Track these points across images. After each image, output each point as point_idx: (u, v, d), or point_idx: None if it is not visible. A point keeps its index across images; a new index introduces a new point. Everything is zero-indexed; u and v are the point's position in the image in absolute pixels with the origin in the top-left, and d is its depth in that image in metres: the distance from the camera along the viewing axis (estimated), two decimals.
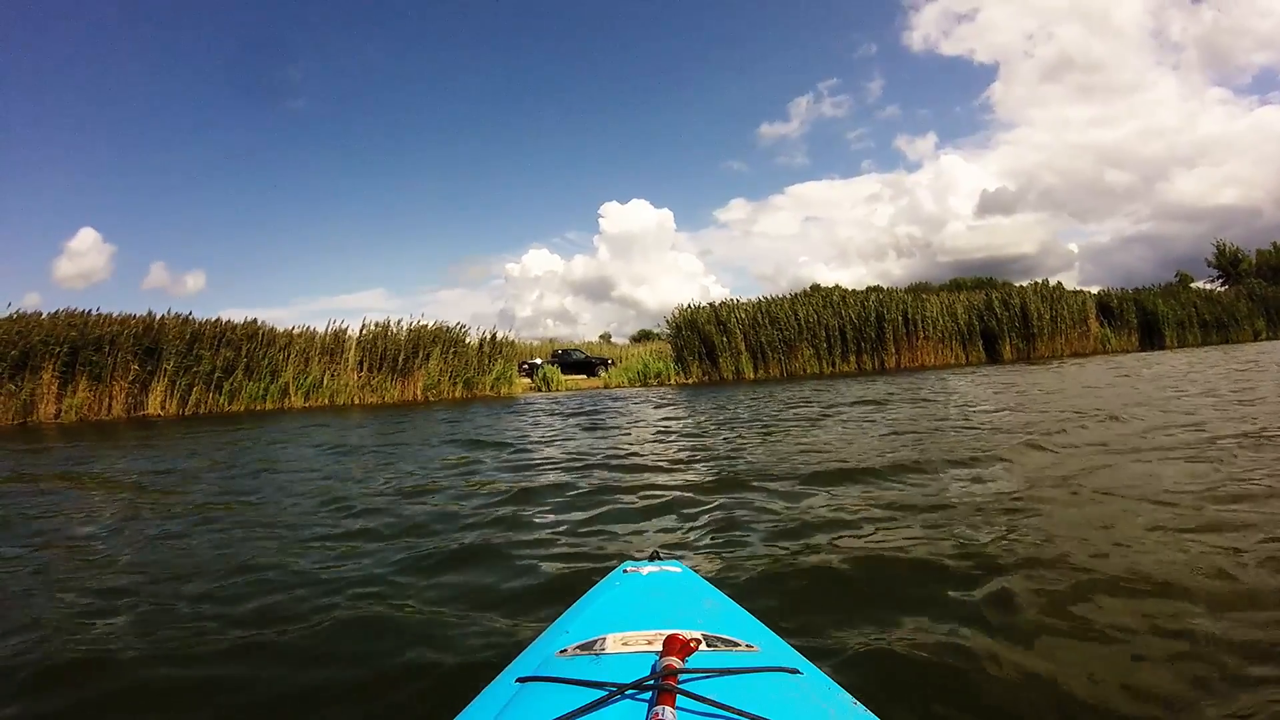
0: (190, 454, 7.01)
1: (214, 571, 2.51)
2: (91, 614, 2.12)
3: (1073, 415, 5.82)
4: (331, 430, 9.24)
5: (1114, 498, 2.95)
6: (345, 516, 3.43)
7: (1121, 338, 24.84)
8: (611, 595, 1.01)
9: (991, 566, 2.13)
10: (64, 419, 16.05)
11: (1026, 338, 21.94)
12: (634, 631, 0.81)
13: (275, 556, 2.68)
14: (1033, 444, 4.43)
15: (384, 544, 2.84)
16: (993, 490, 3.24)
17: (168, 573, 2.52)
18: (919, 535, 2.55)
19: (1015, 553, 2.26)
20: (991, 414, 6.53)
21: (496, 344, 18.03)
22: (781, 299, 20.13)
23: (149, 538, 3.15)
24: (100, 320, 17.11)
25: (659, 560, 1.19)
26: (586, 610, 0.96)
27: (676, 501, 3.41)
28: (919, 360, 20.31)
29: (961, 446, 4.54)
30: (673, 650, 0.69)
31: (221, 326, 17.71)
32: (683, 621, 0.85)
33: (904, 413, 7.14)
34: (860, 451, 4.65)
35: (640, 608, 0.95)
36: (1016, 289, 22.89)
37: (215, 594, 2.26)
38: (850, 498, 3.27)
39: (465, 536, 2.90)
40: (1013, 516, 2.73)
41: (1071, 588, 1.92)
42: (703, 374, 18.81)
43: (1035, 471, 3.64)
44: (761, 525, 2.83)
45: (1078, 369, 13.93)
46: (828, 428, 6.23)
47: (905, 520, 2.77)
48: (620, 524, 3.04)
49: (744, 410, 8.83)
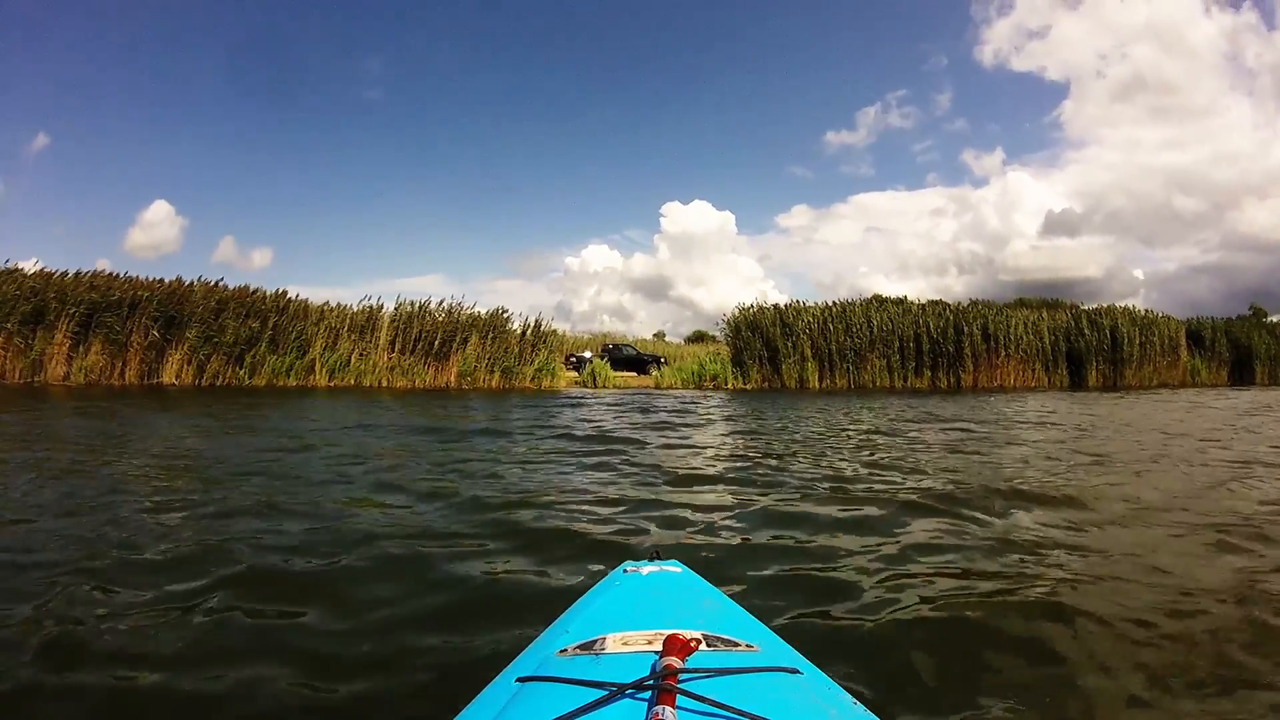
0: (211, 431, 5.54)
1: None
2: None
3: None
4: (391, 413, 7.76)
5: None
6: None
7: (1211, 370, 22.82)
8: (611, 595, 0.97)
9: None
10: (73, 380, 14.95)
11: (1114, 363, 19.94)
12: (634, 631, 0.78)
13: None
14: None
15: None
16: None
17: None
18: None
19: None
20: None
21: (540, 333, 16.56)
22: (853, 303, 18.34)
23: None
24: (124, 283, 15.96)
25: (659, 560, 1.13)
26: (586, 610, 0.93)
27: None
28: (998, 380, 18.37)
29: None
30: (673, 650, 0.68)
31: (250, 296, 16.52)
32: (683, 621, 0.82)
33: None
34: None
35: (640, 607, 0.91)
36: (1106, 310, 20.87)
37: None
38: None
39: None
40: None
41: None
42: (762, 380, 17.12)
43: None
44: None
45: (1224, 407, 11.97)
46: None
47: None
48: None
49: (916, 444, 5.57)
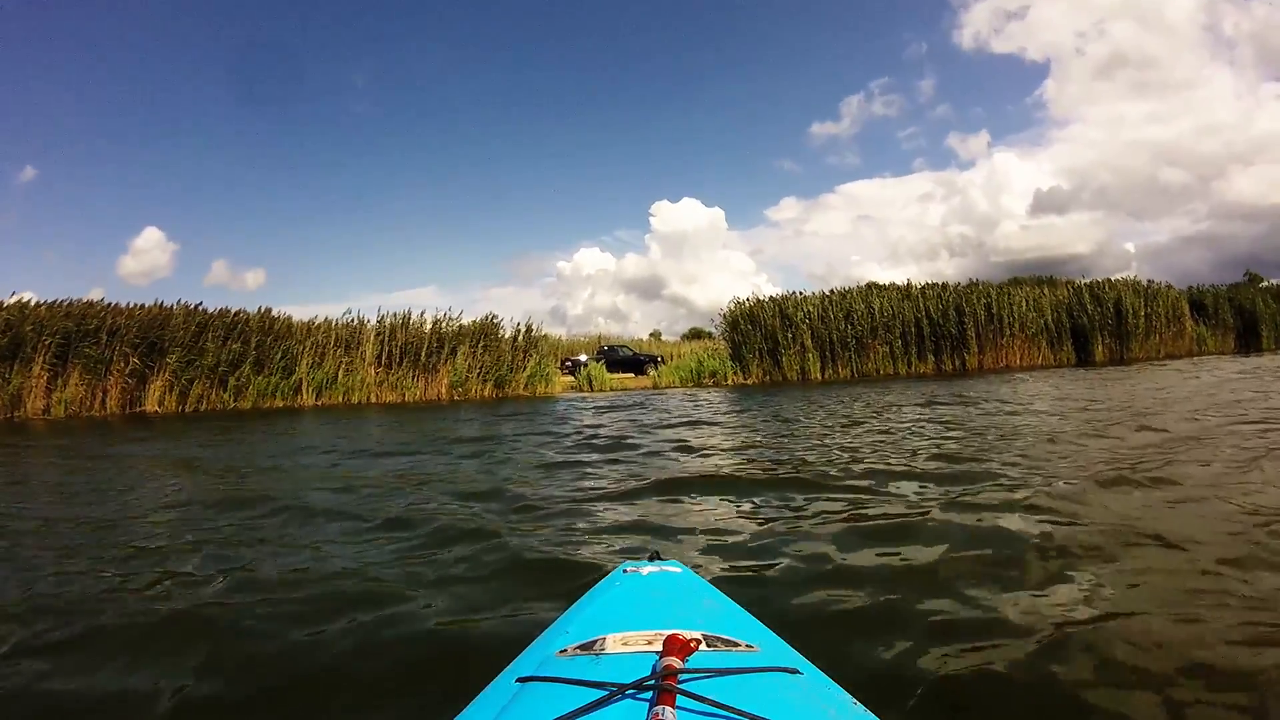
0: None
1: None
2: None
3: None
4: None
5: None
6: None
7: (1217, 338, 22.46)
8: (611, 595, 0.97)
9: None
10: (53, 414, 14.48)
11: (1119, 337, 19.54)
12: (634, 631, 0.78)
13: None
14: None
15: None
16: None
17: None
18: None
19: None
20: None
21: (531, 338, 16.10)
22: (852, 290, 17.91)
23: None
24: (100, 309, 15.47)
25: (659, 560, 1.13)
26: (586, 610, 0.93)
27: None
28: (1004, 360, 17.94)
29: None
30: (673, 650, 0.67)
31: (233, 317, 16.06)
32: (683, 621, 0.81)
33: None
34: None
35: (640, 608, 0.91)
36: (1108, 283, 20.46)
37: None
38: None
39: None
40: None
41: None
42: (763, 374, 16.67)
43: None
44: None
45: (1247, 371, 11.55)
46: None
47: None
48: None
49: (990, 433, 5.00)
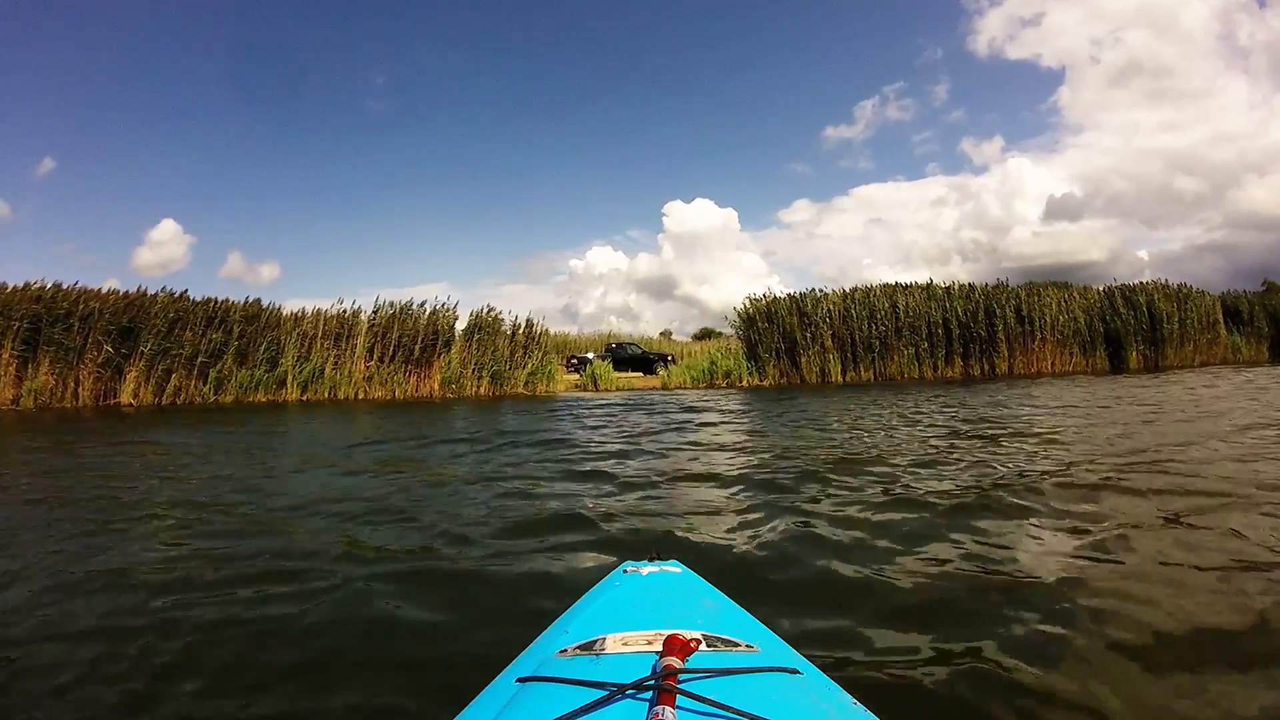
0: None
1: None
2: None
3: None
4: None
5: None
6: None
7: (1252, 347, 21.38)
8: (611, 595, 0.97)
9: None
10: (23, 405, 13.50)
11: (1153, 343, 18.49)
12: (634, 632, 0.78)
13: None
14: None
15: None
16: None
17: None
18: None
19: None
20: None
21: (533, 333, 15.08)
22: (875, 287, 16.87)
23: None
24: (70, 293, 14.46)
25: (659, 560, 1.12)
26: (586, 610, 0.92)
27: None
28: (1035, 366, 16.91)
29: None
30: (673, 650, 0.67)
31: (216, 306, 15.08)
32: (683, 622, 0.81)
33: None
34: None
35: (640, 608, 0.91)
36: (1140, 286, 19.41)
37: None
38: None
39: None
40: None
41: None
42: (780, 375, 15.65)
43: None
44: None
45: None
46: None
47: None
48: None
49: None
